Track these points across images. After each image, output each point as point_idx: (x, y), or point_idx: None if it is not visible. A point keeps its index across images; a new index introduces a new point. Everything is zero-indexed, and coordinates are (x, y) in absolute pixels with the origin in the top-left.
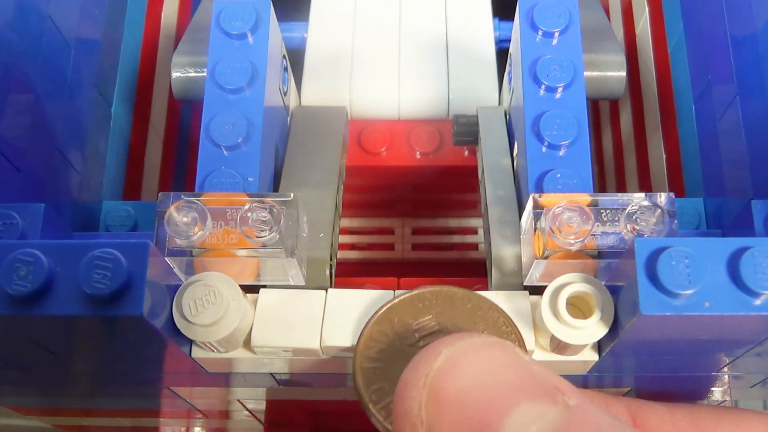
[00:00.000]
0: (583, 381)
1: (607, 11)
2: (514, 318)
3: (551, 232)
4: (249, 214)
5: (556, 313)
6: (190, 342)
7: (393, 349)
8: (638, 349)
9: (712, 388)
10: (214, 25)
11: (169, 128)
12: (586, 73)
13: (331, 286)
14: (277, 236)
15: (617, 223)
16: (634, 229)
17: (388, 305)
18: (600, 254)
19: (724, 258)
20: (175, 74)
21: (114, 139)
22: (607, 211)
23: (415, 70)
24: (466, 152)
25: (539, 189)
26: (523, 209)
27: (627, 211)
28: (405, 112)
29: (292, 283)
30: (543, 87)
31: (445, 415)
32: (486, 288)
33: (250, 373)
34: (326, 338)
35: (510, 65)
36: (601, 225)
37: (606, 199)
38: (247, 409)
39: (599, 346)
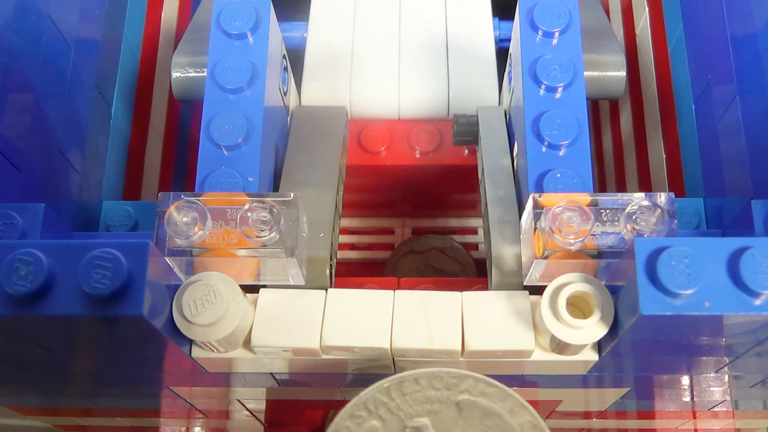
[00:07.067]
0: (583, 381)
1: (607, 11)
2: (513, 318)
3: (551, 232)
4: (249, 214)
5: (556, 313)
6: (190, 342)
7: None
8: (638, 349)
9: (712, 388)
10: (214, 25)
11: (169, 128)
12: (586, 73)
13: (331, 286)
14: (277, 236)
15: (617, 223)
16: (634, 229)
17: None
18: (600, 254)
19: (724, 258)
20: (175, 74)
21: (114, 139)
22: (607, 211)
23: (415, 70)
24: (466, 152)
25: (539, 189)
26: (523, 209)
27: (627, 211)
28: (405, 111)
29: (292, 283)
30: (543, 87)
31: None
32: (486, 288)
33: (250, 373)
34: (326, 338)
35: (510, 65)
36: (601, 225)
37: (606, 199)
38: (247, 409)
39: (599, 346)
